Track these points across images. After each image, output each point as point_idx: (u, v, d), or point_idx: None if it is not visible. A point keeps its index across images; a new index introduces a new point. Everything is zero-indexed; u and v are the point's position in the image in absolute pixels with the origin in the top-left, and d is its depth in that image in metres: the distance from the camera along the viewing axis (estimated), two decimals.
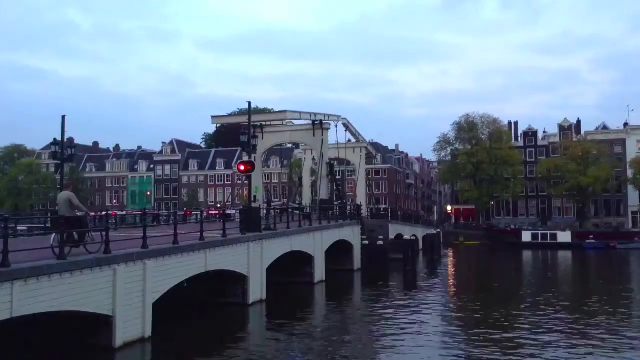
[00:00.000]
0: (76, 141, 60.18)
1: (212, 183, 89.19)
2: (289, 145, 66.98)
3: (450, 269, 41.84)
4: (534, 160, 77.21)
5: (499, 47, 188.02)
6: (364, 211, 44.97)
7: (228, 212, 33.73)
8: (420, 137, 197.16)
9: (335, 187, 45.73)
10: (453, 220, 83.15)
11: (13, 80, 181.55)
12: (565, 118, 78.73)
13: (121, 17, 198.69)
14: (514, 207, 78.46)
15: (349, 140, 47.97)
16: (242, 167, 24.41)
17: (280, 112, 42.93)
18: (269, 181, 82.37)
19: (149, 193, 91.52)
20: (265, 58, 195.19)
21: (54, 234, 13.74)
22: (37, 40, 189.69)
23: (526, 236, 61.23)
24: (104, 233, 15.08)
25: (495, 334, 17.58)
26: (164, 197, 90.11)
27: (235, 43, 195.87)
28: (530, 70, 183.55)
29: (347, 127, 44.92)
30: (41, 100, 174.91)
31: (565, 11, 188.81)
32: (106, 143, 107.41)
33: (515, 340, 16.82)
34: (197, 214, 31.21)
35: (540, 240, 59.84)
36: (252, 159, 25.67)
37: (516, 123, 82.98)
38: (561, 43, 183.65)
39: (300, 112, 41.02)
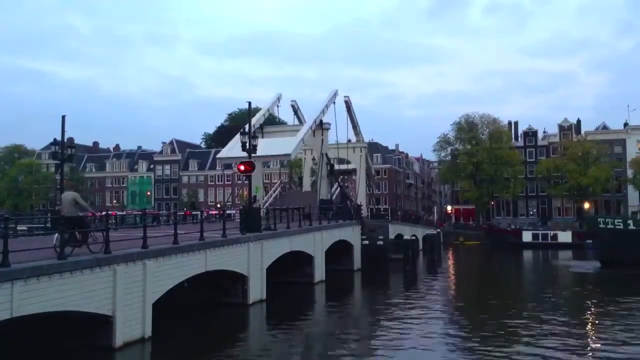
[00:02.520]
0: (76, 141, 60.26)
1: (212, 183, 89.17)
2: None
3: (451, 269, 41.82)
4: (534, 160, 77.17)
5: (493, 50, 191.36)
6: (364, 211, 44.97)
7: (228, 212, 33.70)
8: (420, 138, 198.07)
9: (338, 188, 45.47)
10: (453, 220, 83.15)
11: (14, 82, 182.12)
12: (565, 118, 78.75)
13: (120, 22, 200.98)
14: (514, 207, 78.46)
15: (349, 140, 48.06)
16: (242, 167, 24.43)
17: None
18: (269, 181, 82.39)
19: (149, 193, 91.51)
20: (263, 60, 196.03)
21: (56, 234, 13.77)
22: (38, 43, 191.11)
23: (527, 236, 61.18)
24: (104, 233, 15.10)
25: (496, 334, 17.58)
26: (164, 197, 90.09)
27: (234, 46, 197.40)
28: (527, 72, 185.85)
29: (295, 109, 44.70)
30: (42, 102, 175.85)
31: (551, 16, 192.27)
32: (106, 143, 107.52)
33: (517, 339, 16.83)
34: (197, 214, 31.22)
35: (540, 240, 59.79)
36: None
37: (516, 123, 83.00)
38: (554, 46, 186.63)
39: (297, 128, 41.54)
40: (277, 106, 43.35)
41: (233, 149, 34.91)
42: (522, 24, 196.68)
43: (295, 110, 46.64)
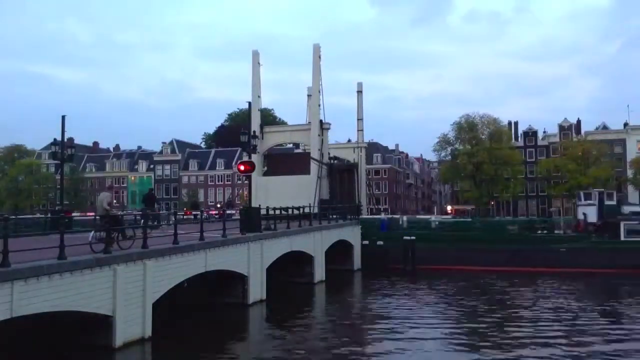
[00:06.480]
0: (76, 141, 60.23)
1: (212, 183, 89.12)
2: (289, 145, 67.06)
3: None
4: (534, 160, 77.12)
5: (486, 54, 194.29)
6: (364, 211, 44.98)
7: (228, 212, 33.72)
8: (420, 138, 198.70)
9: (345, 188, 45.24)
10: None
11: (15, 83, 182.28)
12: (565, 118, 78.61)
13: (119, 28, 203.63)
14: (514, 207, 78.41)
15: (349, 140, 48.14)
16: (242, 167, 24.46)
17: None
18: None
19: None
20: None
21: (92, 232, 14.73)
22: (39, 48, 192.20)
23: None
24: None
25: (496, 334, 17.60)
26: (164, 197, 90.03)
27: (232, 49, 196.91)
28: (522, 75, 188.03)
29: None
30: (42, 103, 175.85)
31: (533, 23, 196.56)
32: (106, 144, 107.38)
33: (516, 339, 16.84)
34: (197, 214, 31.23)
35: None
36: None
37: (516, 123, 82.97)
38: (544, 51, 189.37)
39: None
40: (259, 63, 43.37)
41: None
42: (504, 31, 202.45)
43: (310, 95, 46.88)
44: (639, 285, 29.18)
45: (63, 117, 24.80)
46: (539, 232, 38.98)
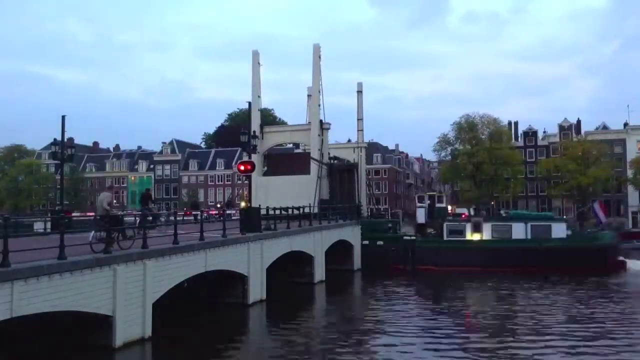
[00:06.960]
0: (76, 142, 60.23)
1: (212, 183, 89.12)
2: (289, 145, 67.08)
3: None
4: (534, 160, 77.15)
5: (485, 55, 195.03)
6: (364, 211, 44.98)
7: (228, 212, 33.72)
8: (420, 138, 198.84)
9: (345, 188, 45.16)
10: None
11: (15, 84, 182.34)
12: (565, 118, 78.63)
13: (118, 29, 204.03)
14: (514, 207, 78.41)
15: (349, 140, 48.12)
16: (242, 167, 24.46)
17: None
18: None
19: None
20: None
21: (92, 232, 14.76)
22: (39, 48, 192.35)
23: None
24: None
25: (496, 335, 17.59)
26: (164, 197, 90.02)
27: (231, 50, 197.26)
28: (521, 75, 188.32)
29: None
30: (42, 103, 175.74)
31: (531, 24, 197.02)
32: (106, 144, 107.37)
33: (515, 339, 16.84)
34: (196, 214, 31.24)
35: None
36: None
37: (516, 123, 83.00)
38: (543, 51, 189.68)
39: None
40: (259, 63, 43.37)
41: None
42: (503, 31, 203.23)
43: (310, 95, 46.87)
44: (461, 282, 30.60)
45: (63, 117, 24.82)
46: (390, 232, 40.70)
